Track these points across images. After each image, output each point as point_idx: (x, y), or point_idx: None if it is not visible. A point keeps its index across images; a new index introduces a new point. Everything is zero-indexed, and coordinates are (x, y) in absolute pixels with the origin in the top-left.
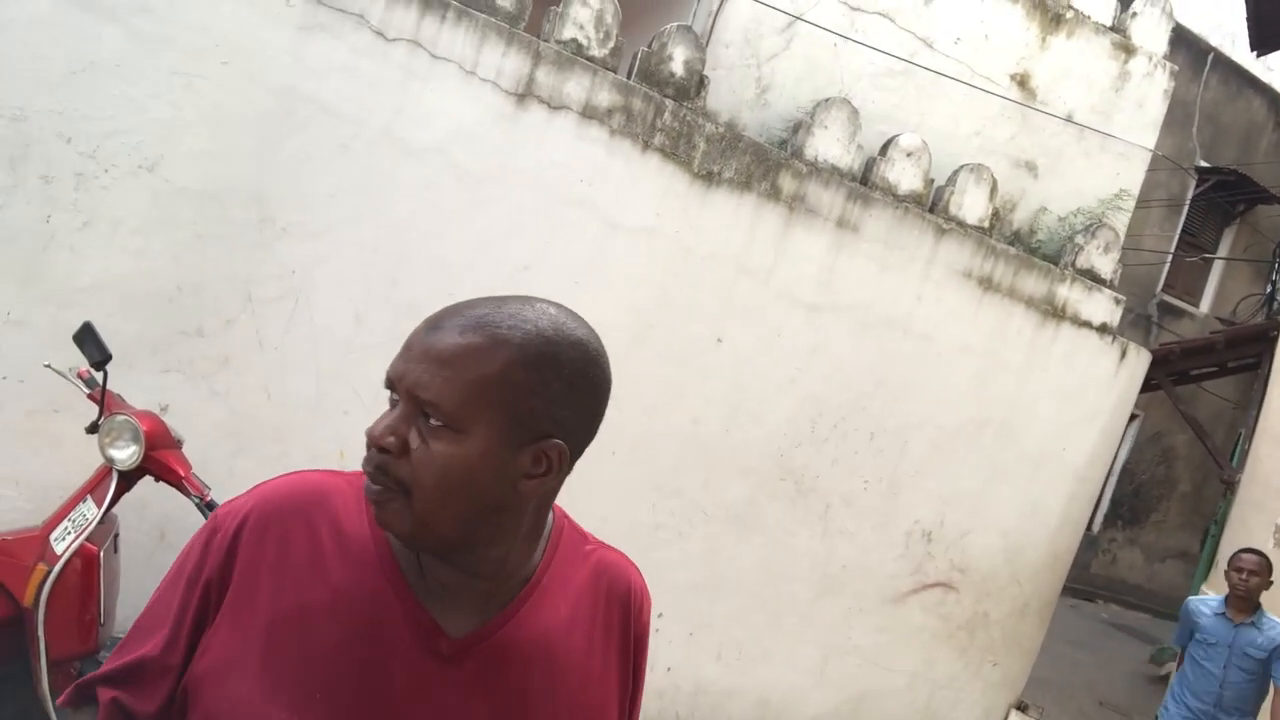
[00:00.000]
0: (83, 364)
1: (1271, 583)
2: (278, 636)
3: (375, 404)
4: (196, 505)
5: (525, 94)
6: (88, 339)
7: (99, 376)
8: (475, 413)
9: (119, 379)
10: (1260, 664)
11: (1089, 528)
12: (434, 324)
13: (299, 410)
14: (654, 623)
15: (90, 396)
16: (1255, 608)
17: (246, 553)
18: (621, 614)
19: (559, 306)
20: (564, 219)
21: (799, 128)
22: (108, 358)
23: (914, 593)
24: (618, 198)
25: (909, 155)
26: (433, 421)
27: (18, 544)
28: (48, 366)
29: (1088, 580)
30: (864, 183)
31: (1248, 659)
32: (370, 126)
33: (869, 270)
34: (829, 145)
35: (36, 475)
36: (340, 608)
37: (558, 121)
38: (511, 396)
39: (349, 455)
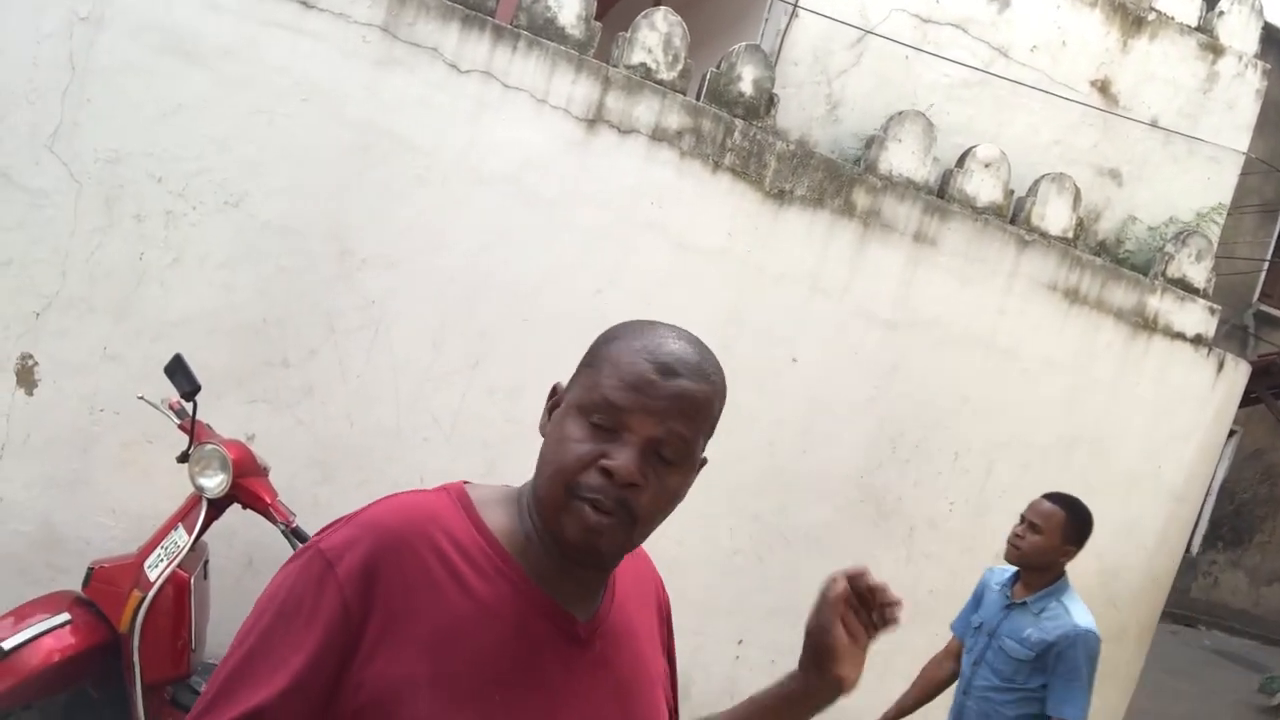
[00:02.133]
0: (174, 395)
1: (1070, 551)
2: (442, 652)
3: (453, 431)
4: (283, 532)
5: (595, 119)
6: (178, 371)
7: (189, 407)
8: (699, 449)
9: (208, 409)
10: (1023, 669)
11: (1188, 549)
12: (667, 368)
13: (380, 438)
14: (735, 650)
15: (181, 427)
16: (1047, 582)
17: (387, 578)
18: (657, 597)
19: (698, 338)
20: (635, 241)
21: (872, 142)
22: (197, 388)
23: None
24: (689, 219)
25: (987, 166)
26: (668, 457)
27: (114, 571)
28: (141, 398)
29: (1188, 605)
30: (941, 196)
31: (1004, 658)
32: (444, 157)
33: (948, 285)
34: (903, 159)
35: (131, 504)
36: (487, 614)
37: (627, 145)
38: (711, 430)
39: (428, 481)
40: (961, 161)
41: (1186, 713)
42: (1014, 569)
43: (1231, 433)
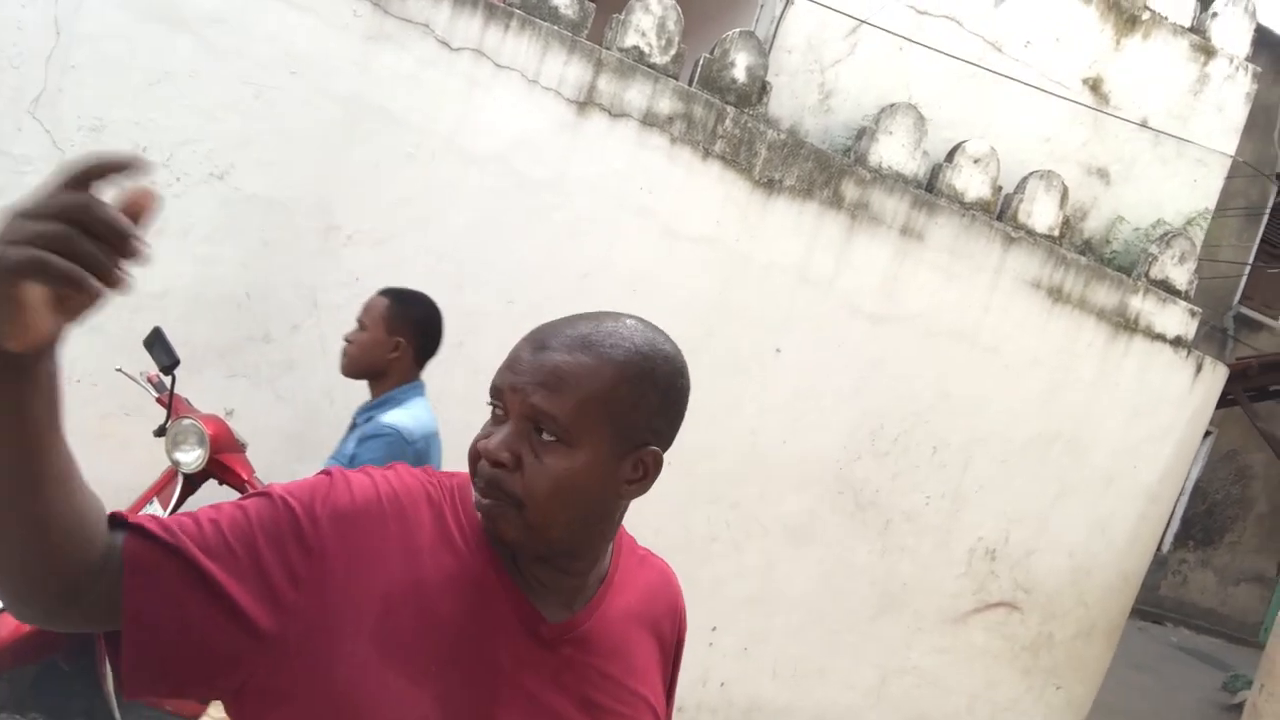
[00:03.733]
0: (153, 368)
1: (402, 345)
2: (394, 606)
3: (436, 411)
4: None
5: (586, 102)
6: (157, 344)
7: (167, 381)
8: (586, 427)
9: (188, 383)
10: None
11: (1159, 548)
12: (540, 343)
13: None
14: (708, 637)
15: (159, 400)
16: (383, 390)
17: (378, 527)
18: (670, 620)
19: (643, 321)
20: (624, 227)
21: (862, 134)
22: (176, 362)
23: (976, 612)
24: (677, 206)
25: (976, 162)
26: (545, 436)
27: None
28: (119, 370)
29: (1157, 602)
30: (929, 190)
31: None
32: (434, 135)
33: (934, 280)
34: (893, 152)
35: (108, 477)
36: (452, 587)
37: (618, 129)
38: (616, 410)
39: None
40: (951, 156)
41: (1150, 709)
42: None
43: (1206, 433)
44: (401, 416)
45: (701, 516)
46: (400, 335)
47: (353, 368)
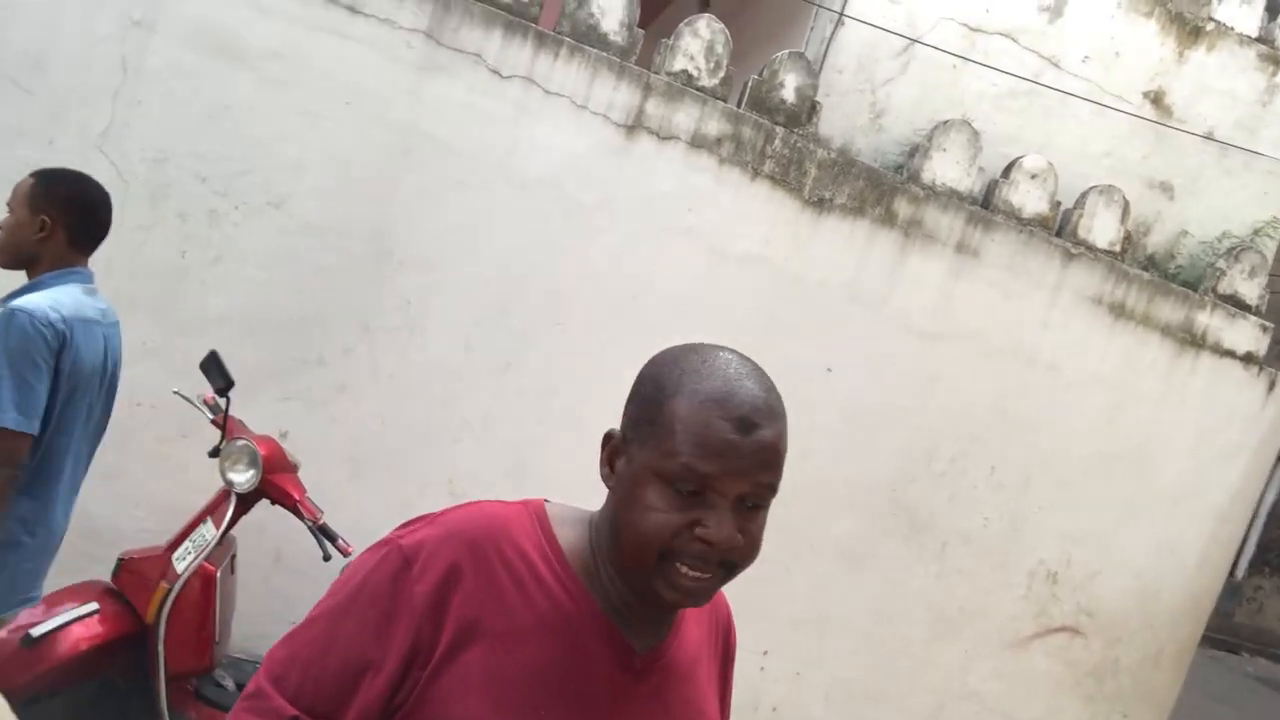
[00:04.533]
0: (210, 392)
1: (48, 225)
2: (497, 659)
3: (484, 433)
4: (310, 528)
5: (635, 125)
6: (212, 366)
7: (222, 402)
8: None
9: (243, 405)
10: None
11: (1232, 573)
12: (746, 423)
13: (411, 438)
14: (759, 660)
15: (214, 422)
16: (34, 276)
17: (463, 593)
18: (725, 638)
19: (749, 359)
20: (671, 248)
21: (915, 151)
22: (230, 384)
23: (1037, 637)
24: (725, 226)
25: (1033, 177)
26: (754, 505)
27: (143, 563)
28: (176, 393)
29: (1231, 630)
30: (985, 206)
31: None
32: (484, 161)
33: (990, 297)
34: (947, 168)
35: (164, 497)
36: (547, 630)
37: (666, 151)
38: None
39: (457, 483)
40: (1007, 172)
41: None
42: None
43: None
44: (35, 299)
45: None
46: (45, 214)
47: (2, 255)
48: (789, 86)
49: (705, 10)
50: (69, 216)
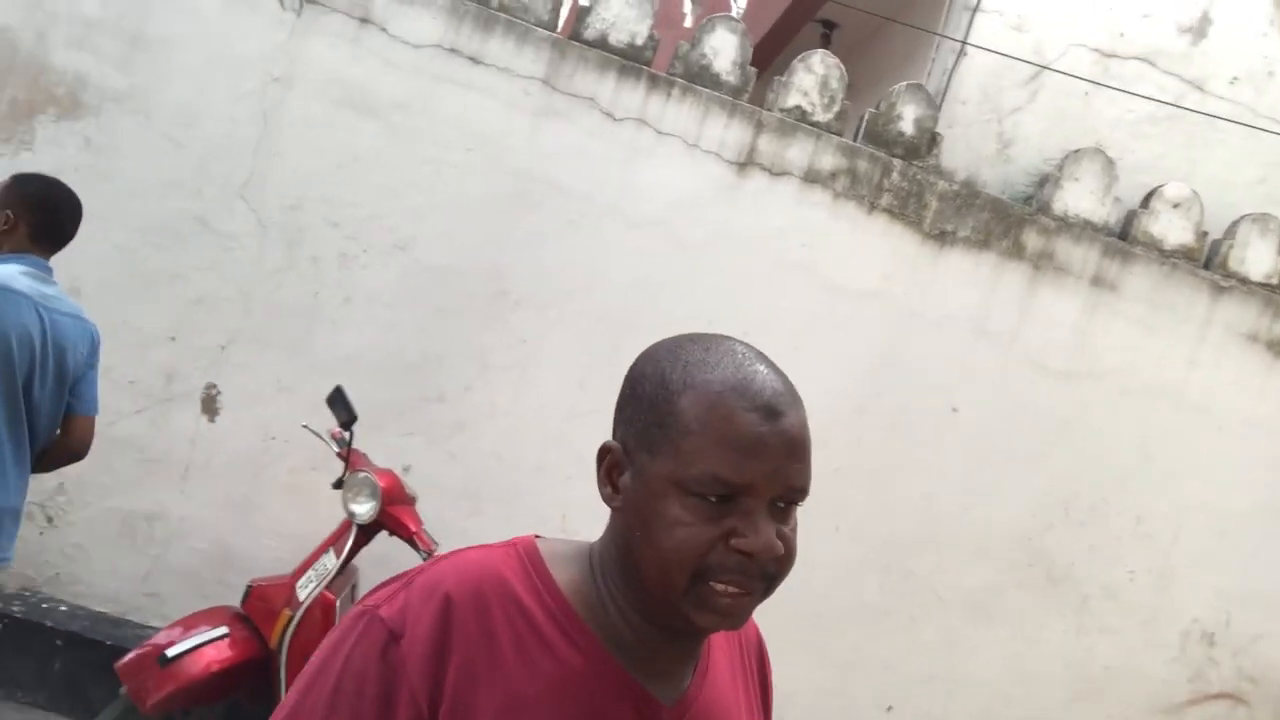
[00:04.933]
0: (336, 426)
1: (9, 220)
2: None
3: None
4: (425, 560)
5: (747, 162)
6: (338, 401)
7: (346, 436)
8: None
9: (370, 440)
10: None
11: None
12: (770, 410)
13: (526, 473)
14: (882, 716)
15: (339, 455)
16: None
17: (457, 658)
18: (758, 660)
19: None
20: (784, 284)
21: (1045, 181)
22: (354, 419)
23: (1193, 703)
24: (841, 261)
25: (1176, 206)
26: (791, 501)
27: (269, 590)
28: (305, 427)
29: None
30: (1123, 238)
31: None
32: (597, 202)
33: (1130, 333)
34: (1080, 198)
35: (295, 527)
36: (557, 695)
37: (779, 187)
38: None
39: (570, 518)
40: (1146, 201)
41: None
42: None
43: None
44: None
45: (873, 585)
46: (9, 209)
47: None
48: (907, 118)
49: (826, 47)
50: (33, 215)
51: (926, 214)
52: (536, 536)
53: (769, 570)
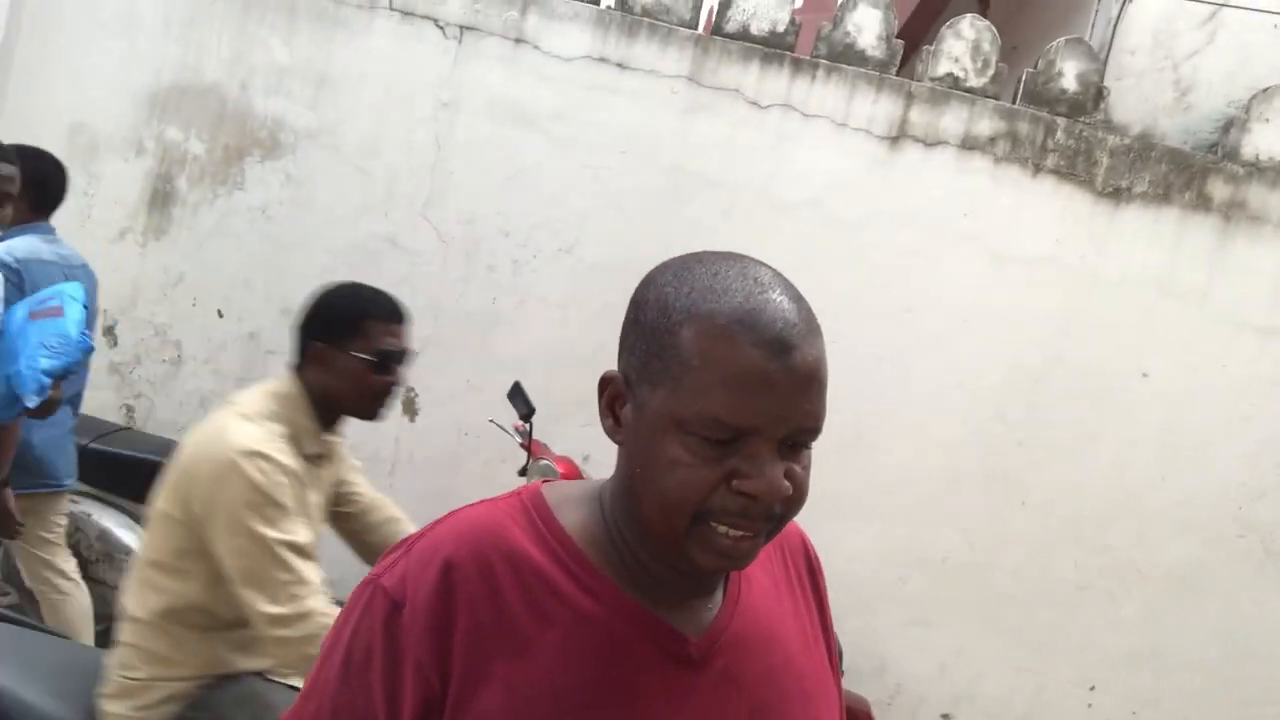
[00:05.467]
0: (518, 419)
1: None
2: (520, 700)
3: None
4: None
5: (899, 136)
6: (517, 395)
7: (527, 428)
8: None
9: (552, 431)
10: None
11: None
12: (781, 343)
13: None
14: (1086, 696)
15: (521, 445)
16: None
17: (464, 622)
18: (806, 564)
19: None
20: (947, 255)
21: (1230, 126)
22: (532, 411)
23: None
24: (1007, 228)
25: None
26: (802, 442)
27: None
28: (491, 421)
29: None
30: None
31: None
32: (748, 191)
33: None
34: (1273, 140)
35: None
36: (575, 645)
37: (934, 158)
38: None
39: None
40: None
41: None
42: None
43: None
44: None
45: (1066, 561)
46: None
47: None
48: (1069, 74)
49: (984, 13)
50: (32, 189)
51: (1098, 172)
52: (544, 481)
53: (775, 511)
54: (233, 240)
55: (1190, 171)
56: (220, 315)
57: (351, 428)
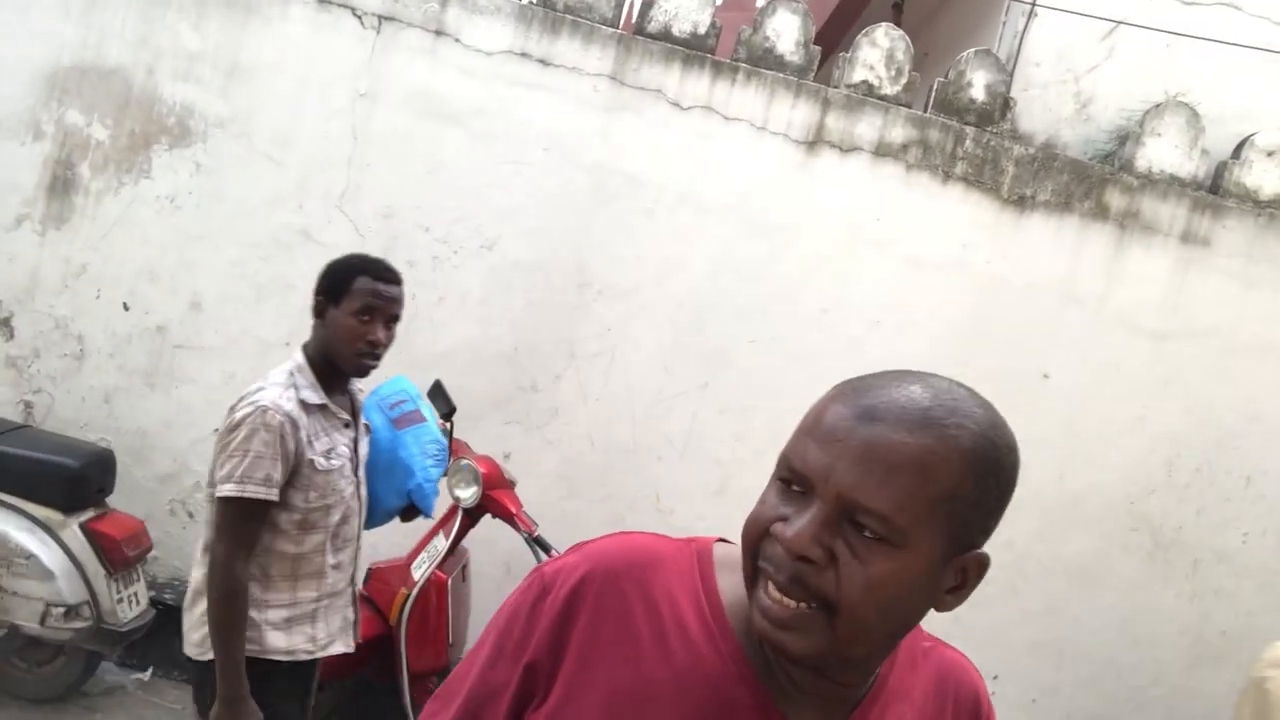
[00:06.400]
0: (438, 417)
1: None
2: (616, 715)
3: (686, 449)
4: (526, 540)
5: (815, 141)
6: (437, 394)
7: (448, 426)
8: (921, 528)
9: (471, 429)
10: None
11: None
12: (868, 411)
13: (618, 456)
14: (990, 685)
15: None
16: None
17: (585, 622)
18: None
19: (970, 389)
20: (861, 258)
21: (1126, 139)
22: (453, 410)
23: None
24: (917, 232)
25: (1270, 154)
26: (867, 533)
27: (387, 571)
28: None
29: None
30: (1214, 191)
31: None
32: (671, 191)
33: (1228, 289)
34: (1164, 153)
35: None
36: (684, 689)
37: (850, 164)
38: (958, 510)
39: (664, 499)
40: (1237, 152)
41: None
42: None
43: None
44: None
45: None
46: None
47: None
48: (978, 85)
49: (898, 21)
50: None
51: (1004, 180)
52: (718, 540)
53: (806, 580)
54: (139, 230)
55: (1089, 182)
56: (125, 308)
57: None
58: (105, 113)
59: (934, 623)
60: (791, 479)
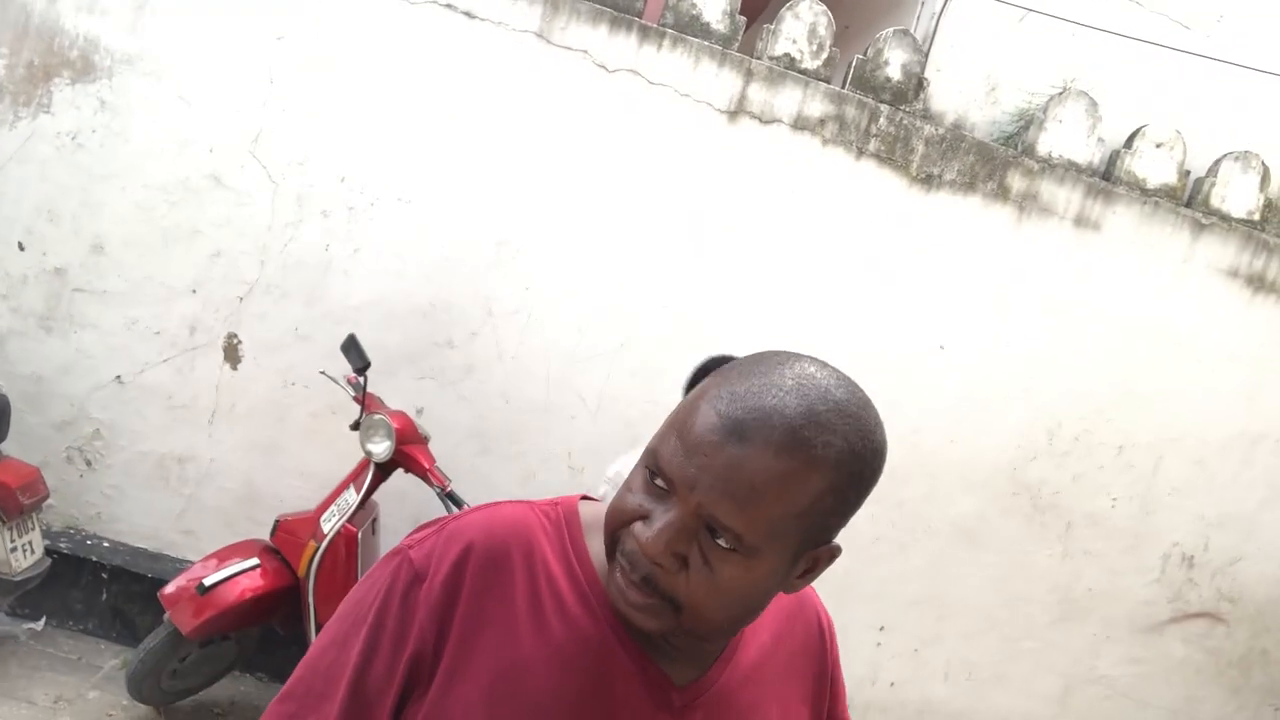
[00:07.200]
0: (352, 371)
1: None
2: (501, 694)
3: (599, 409)
4: (438, 495)
5: (737, 111)
6: (351, 348)
7: (361, 381)
8: (775, 542)
9: (385, 384)
10: None
11: None
12: (736, 429)
13: (532, 414)
14: (876, 636)
15: (355, 399)
16: None
17: (464, 606)
18: (817, 644)
19: (844, 381)
20: (775, 230)
21: (1030, 123)
22: (367, 364)
23: (1173, 622)
24: (830, 205)
25: (1159, 146)
26: (721, 542)
27: (295, 524)
28: (322, 373)
29: None
30: (1107, 178)
31: None
32: (592, 152)
33: (1113, 271)
34: (1064, 140)
35: (318, 467)
36: (565, 660)
37: (769, 135)
38: (816, 520)
39: (575, 456)
40: (1130, 142)
41: None
42: None
43: None
44: None
45: (863, 515)
46: None
47: None
48: (894, 64)
49: None
50: None
51: (913, 158)
52: (583, 497)
53: (657, 582)
54: (36, 168)
55: (994, 164)
56: (21, 248)
57: (170, 370)
58: (0, 41)
59: (825, 576)
60: (656, 474)
